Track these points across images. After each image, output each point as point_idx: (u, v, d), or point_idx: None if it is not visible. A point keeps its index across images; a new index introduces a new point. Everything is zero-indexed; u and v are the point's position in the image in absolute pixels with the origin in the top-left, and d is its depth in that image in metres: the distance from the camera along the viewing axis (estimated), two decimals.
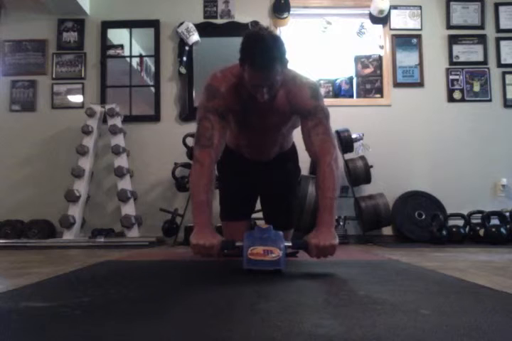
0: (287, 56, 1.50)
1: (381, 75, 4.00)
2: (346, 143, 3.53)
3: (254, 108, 1.64)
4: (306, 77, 1.66)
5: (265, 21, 3.96)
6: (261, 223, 1.89)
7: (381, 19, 3.95)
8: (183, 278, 1.50)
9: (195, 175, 1.56)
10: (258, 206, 2.21)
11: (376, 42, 4.07)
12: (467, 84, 3.96)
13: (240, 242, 1.45)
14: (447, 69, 3.98)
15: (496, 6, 4.01)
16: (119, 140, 3.64)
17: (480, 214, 3.40)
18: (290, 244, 1.50)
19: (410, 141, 3.89)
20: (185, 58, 3.90)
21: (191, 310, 0.96)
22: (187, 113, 3.86)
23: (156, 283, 1.36)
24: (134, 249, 2.83)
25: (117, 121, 3.68)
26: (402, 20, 4.00)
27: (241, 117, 1.70)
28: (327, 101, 3.92)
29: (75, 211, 3.36)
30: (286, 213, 2.09)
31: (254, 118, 1.71)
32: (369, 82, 4.01)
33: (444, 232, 3.27)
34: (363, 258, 2.24)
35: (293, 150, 2.11)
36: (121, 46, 4.04)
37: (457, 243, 3.24)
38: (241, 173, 2.03)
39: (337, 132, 3.55)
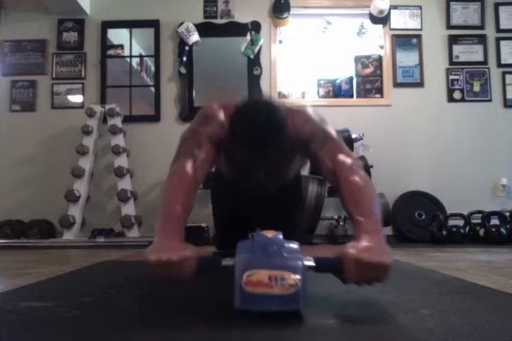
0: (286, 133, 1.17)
1: (381, 75, 4.00)
2: (346, 143, 3.51)
3: None
4: (299, 106, 1.41)
5: (265, 21, 3.97)
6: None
7: (381, 19, 3.94)
8: None
9: (170, 187, 1.19)
10: None
11: (376, 42, 4.07)
12: (467, 84, 3.96)
13: (230, 260, 0.89)
14: (447, 69, 3.97)
15: (496, 6, 4.01)
16: (119, 140, 3.64)
17: (480, 214, 3.40)
18: (313, 263, 0.90)
19: (410, 141, 3.89)
20: (185, 58, 3.90)
21: (191, 310, 0.96)
22: (187, 113, 3.86)
23: (155, 283, 1.35)
24: (134, 249, 2.82)
25: (117, 121, 3.68)
26: (402, 20, 4.00)
27: (234, 158, 1.36)
28: (327, 101, 3.98)
29: (75, 211, 3.36)
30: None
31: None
32: (369, 82, 4.01)
33: (444, 232, 3.27)
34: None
35: (297, 177, 1.84)
36: (121, 46, 4.04)
37: (457, 243, 3.23)
38: (237, 206, 1.77)
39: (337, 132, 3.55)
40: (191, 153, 1.23)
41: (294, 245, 0.90)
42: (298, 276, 0.81)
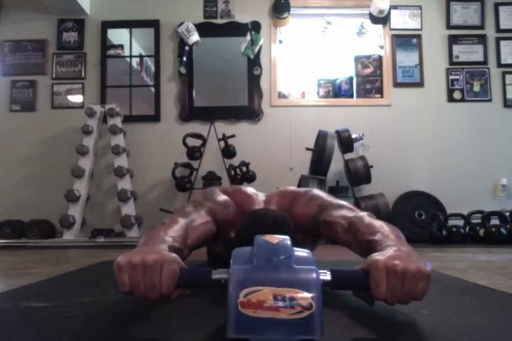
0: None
1: (381, 75, 4.00)
2: (346, 143, 3.53)
3: None
4: (301, 191, 1.37)
5: (265, 21, 3.97)
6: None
7: (381, 19, 3.94)
8: None
9: (160, 229, 0.97)
10: None
11: (376, 42, 4.07)
12: (467, 84, 3.96)
13: (222, 273, 0.70)
14: (447, 69, 3.98)
15: (496, 6, 4.01)
16: (119, 140, 3.64)
17: (480, 214, 3.40)
18: (329, 277, 0.71)
19: (410, 141, 3.89)
20: (185, 58, 3.90)
21: (191, 310, 0.96)
22: (187, 113, 3.86)
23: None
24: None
25: (117, 121, 3.68)
26: (402, 20, 4.00)
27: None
28: (327, 101, 3.99)
29: (75, 211, 3.36)
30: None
31: None
32: (369, 82, 4.01)
33: (444, 232, 3.27)
34: (364, 259, 2.22)
35: None
36: (121, 46, 4.04)
37: (457, 243, 3.23)
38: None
39: (337, 132, 3.55)
40: (188, 215, 1.15)
41: (306, 254, 0.70)
42: (312, 295, 0.61)
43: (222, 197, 1.31)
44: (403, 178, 3.81)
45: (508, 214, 3.42)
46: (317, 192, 1.33)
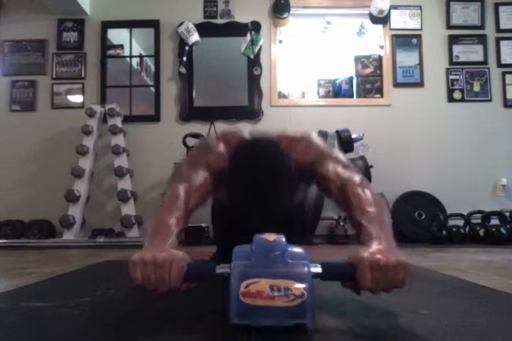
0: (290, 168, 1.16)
1: (381, 75, 4.00)
2: (346, 143, 3.53)
3: None
4: (300, 134, 1.37)
5: (265, 21, 3.97)
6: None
7: (381, 19, 3.94)
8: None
9: (165, 209, 1.09)
10: None
11: (376, 42, 4.07)
12: (467, 84, 3.96)
13: (225, 267, 0.78)
14: (447, 69, 3.97)
15: (496, 6, 4.01)
16: (119, 140, 3.64)
17: (480, 214, 3.40)
18: (320, 269, 0.80)
19: (410, 141, 3.89)
20: (185, 58, 3.90)
21: (191, 310, 0.96)
22: (187, 113, 3.86)
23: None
24: (134, 249, 2.82)
25: (117, 121, 3.68)
26: (402, 20, 4.00)
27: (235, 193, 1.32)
28: (327, 101, 3.99)
29: (75, 211, 3.36)
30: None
31: None
32: (369, 82, 4.01)
33: (444, 232, 3.27)
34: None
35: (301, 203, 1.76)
36: (121, 46, 4.04)
37: (457, 243, 3.23)
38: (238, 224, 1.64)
39: (337, 132, 3.55)
40: (187, 178, 1.18)
41: (299, 249, 0.80)
42: (304, 285, 0.71)
43: (219, 148, 1.29)
44: (403, 178, 3.80)
45: (508, 214, 3.42)
46: (313, 138, 1.33)
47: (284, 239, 0.79)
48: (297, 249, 0.79)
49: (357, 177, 1.14)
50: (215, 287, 1.06)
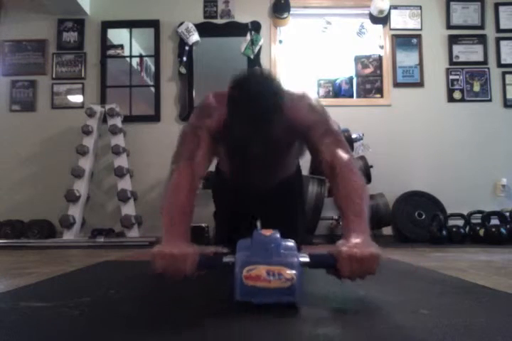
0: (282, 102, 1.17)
1: (381, 75, 3.99)
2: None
3: None
4: (302, 91, 1.39)
5: (265, 21, 3.97)
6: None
7: (381, 19, 3.94)
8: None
9: (171, 188, 1.21)
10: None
11: (376, 42, 4.07)
12: (467, 84, 3.96)
13: (230, 257, 0.97)
14: (447, 69, 3.97)
15: (496, 6, 4.01)
16: (119, 140, 3.64)
17: (480, 214, 3.40)
18: (307, 259, 0.97)
19: (410, 141, 3.89)
20: (185, 58, 3.90)
21: (191, 310, 0.96)
22: (187, 113, 3.86)
23: (155, 283, 1.35)
24: (134, 249, 2.83)
25: (117, 121, 3.68)
26: (402, 20, 4.00)
27: (233, 148, 1.43)
28: (327, 101, 3.98)
29: (75, 211, 3.36)
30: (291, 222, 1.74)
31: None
32: (369, 82, 4.01)
33: (444, 232, 3.27)
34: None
35: (297, 173, 1.84)
36: (121, 46, 4.04)
37: (457, 243, 3.23)
38: (238, 204, 1.75)
39: None
40: (191, 150, 1.25)
41: (290, 243, 0.98)
42: (294, 271, 0.89)
43: (215, 108, 1.30)
44: (403, 178, 3.80)
45: (508, 214, 3.42)
46: (314, 102, 1.36)
47: (278, 235, 0.97)
48: (289, 243, 0.98)
49: (347, 157, 1.19)
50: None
